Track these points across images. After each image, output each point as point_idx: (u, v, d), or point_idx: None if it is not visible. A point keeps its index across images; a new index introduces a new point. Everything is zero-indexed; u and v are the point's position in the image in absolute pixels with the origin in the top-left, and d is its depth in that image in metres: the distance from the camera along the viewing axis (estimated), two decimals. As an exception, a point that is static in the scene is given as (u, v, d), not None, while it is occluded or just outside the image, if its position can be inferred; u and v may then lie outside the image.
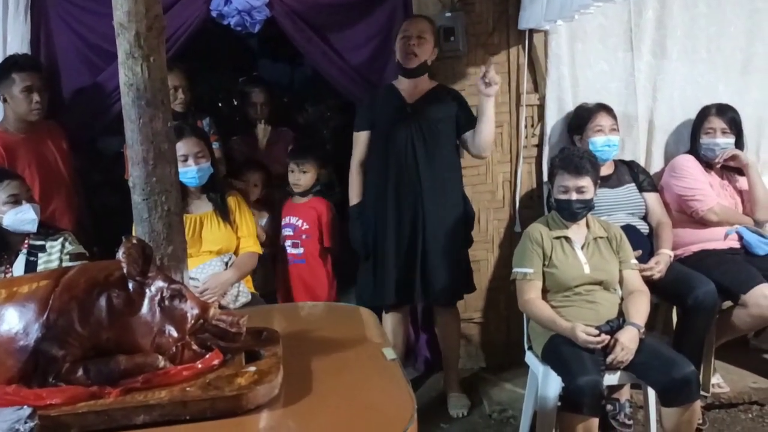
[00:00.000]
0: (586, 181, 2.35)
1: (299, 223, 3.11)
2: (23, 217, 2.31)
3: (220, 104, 5.18)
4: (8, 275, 2.30)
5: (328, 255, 3.15)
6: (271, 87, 3.78)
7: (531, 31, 3.00)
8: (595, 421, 2.12)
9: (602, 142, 2.83)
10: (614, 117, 2.91)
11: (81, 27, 2.95)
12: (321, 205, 3.13)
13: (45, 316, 1.06)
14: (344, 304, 2.06)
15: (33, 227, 2.34)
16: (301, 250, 3.10)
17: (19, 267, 2.33)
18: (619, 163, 2.98)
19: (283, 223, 3.14)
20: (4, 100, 2.71)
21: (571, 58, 3.03)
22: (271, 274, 3.23)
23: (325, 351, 1.37)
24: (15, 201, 2.30)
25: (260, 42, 6.38)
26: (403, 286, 2.76)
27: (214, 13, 2.91)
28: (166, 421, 1.04)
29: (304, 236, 3.10)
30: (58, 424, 0.99)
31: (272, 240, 3.17)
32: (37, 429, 0.92)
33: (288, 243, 3.12)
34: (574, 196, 2.36)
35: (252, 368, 1.17)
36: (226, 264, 2.66)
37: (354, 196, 2.86)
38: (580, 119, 2.92)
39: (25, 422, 0.91)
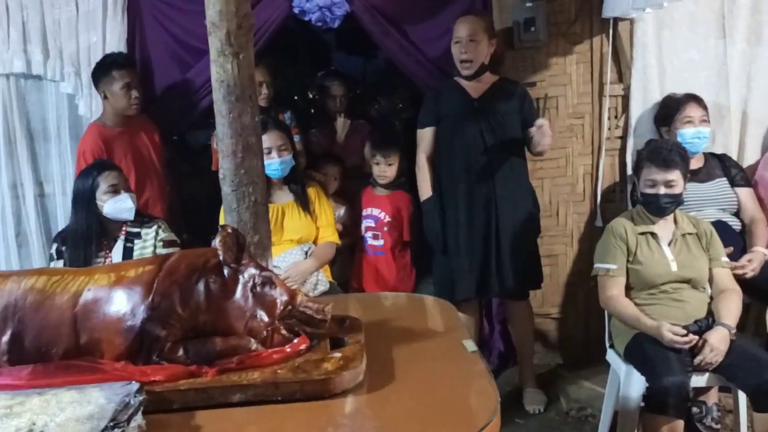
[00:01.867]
0: (675, 175, 2.26)
1: (381, 215, 3.13)
2: (121, 206, 2.46)
3: (296, 97, 5.29)
4: (108, 260, 2.46)
5: (407, 247, 3.17)
6: (349, 80, 3.84)
7: (615, 20, 2.90)
8: (680, 424, 2.05)
9: (692, 134, 2.71)
10: (705, 108, 2.78)
11: (172, 25, 3.09)
12: (404, 199, 3.15)
13: (150, 298, 1.14)
14: (423, 295, 2.08)
15: (130, 215, 2.49)
16: (381, 242, 3.13)
17: (117, 252, 2.48)
18: (710, 157, 2.84)
19: (364, 213, 3.17)
20: (105, 97, 2.89)
21: (658, 46, 2.92)
22: (348, 264, 3.29)
23: (405, 340, 1.40)
24: (114, 191, 2.45)
25: (337, 36, 6.47)
26: (479, 280, 2.75)
27: (296, 10, 2.99)
28: (259, 400, 1.09)
29: (385, 228, 3.12)
30: (162, 399, 1.06)
31: (349, 230, 3.23)
32: (144, 403, 0.99)
33: (369, 234, 3.15)
34: (662, 191, 2.27)
35: (337, 354, 1.21)
36: (306, 253, 2.74)
37: (425, 191, 2.87)
38: (668, 110, 2.81)
39: (135, 396, 0.98)
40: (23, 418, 0.91)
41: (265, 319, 1.21)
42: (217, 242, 1.21)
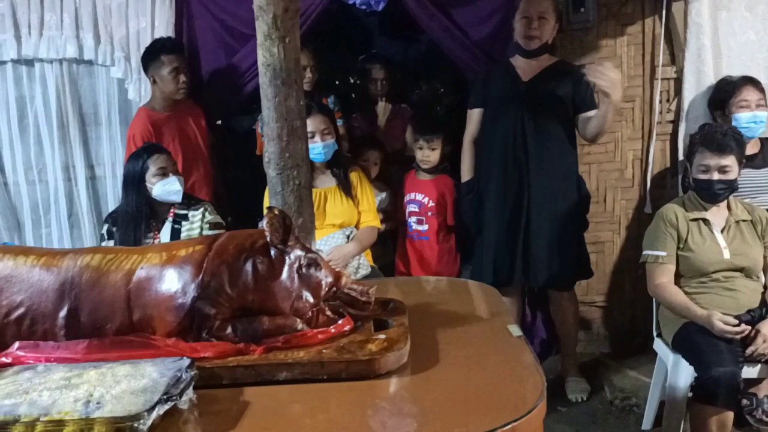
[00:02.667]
0: (729, 160, 2.19)
1: (425, 200, 3.12)
2: (170, 188, 2.51)
3: (337, 82, 5.28)
4: (156, 241, 2.53)
5: (452, 232, 3.16)
6: (390, 63, 3.81)
7: (669, 0, 2.81)
8: (729, 415, 2.01)
9: (748, 118, 2.61)
10: (762, 91, 2.68)
11: (219, 10, 3.12)
12: (447, 183, 3.12)
13: (200, 277, 1.16)
14: (465, 279, 2.07)
15: (178, 198, 2.54)
16: (426, 227, 3.11)
17: (165, 233, 2.54)
18: (766, 142, 2.73)
19: (407, 198, 3.16)
20: (153, 81, 2.94)
21: (714, 27, 2.81)
22: (389, 248, 3.30)
23: (449, 324, 1.39)
24: (163, 173, 2.51)
25: (378, 20, 6.42)
26: (502, 267, 2.72)
27: (341, -7, 2.98)
28: (305, 379, 1.10)
29: (429, 213, 3.11)
30: (212, 374, 1.09)
31: (391, 215, 3.23)
32: (196, 378, 1.01)
33: (413, 219, 3.14)
34: (716, 176, 2.20)
35: (382, 336, 1.21)
36: (348, 237, 2.75)
37: (465, 173, 2.87)
38: (723, 93, 2.72)
39: (186, 371, 1.00)
40: (81, 390, 0.95)
41: (311, 299, 1.22)
42: (264, 223, 1.22)
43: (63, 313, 1.17)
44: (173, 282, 1.17)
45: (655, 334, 2.45)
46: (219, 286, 1.16)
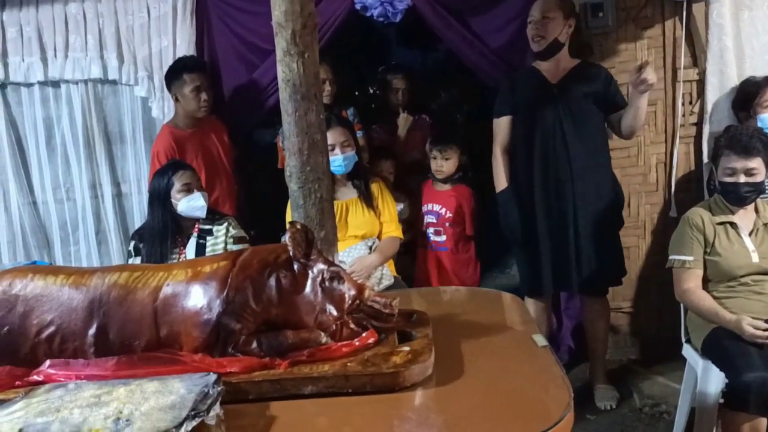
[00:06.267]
0: (756, 163, 2.15)
1: (442, 211, 3.12)
2: (194, 204, 2.54)
3: (356, 93, 5.30)
4: (182, 256, 2.55)
5: (471, 241, 3.14)
6: (411, 73, 3.83)
7: (689, 2, 2.79)
8: (763, 421, 1.97)
9: (773, 118, 2.57)
10: (788, 90, 2.63)
11: (238, 27, 3.16)
12: (465, 193, 3.12)
13: (225, 293, 1.18)
14: (488, 289, 2.06)
15: (203, 213, 2.57)
16: (443, 238, 3.11)
17: (190, 249, 2.56)
18: (793, 142, 2.68)
19: (424, 209, 3.16)
20: (176, 99, 2.99)
21: (736, 28, 2.78)
22: (410, 259, 3.29)
23: (472, 335, 1.38)
24: (188, 189, 2.53)
25: (397, 30, 6.44)
26: (559, 273, 2.69)
27: (358, 6, 3.00)
28: (330, 392, 1.11)
29: (447, 224, 3.11)
30: (238, 390, 1.10)
31: (411, 225, 3.22)
32: (222, 393, 1.02)
33: (430, 230, 3.14)
34: (742, 179, 2.17)
35: (406, 348, 1.21)
36: (370, 248, 2.76)
37: (501, 182, 2.78)
38: (747, 94, 2.68)
39: (213, 386, 1.01)
40: (111, 407, 0.96)
41: (334, 313, 1.23)
42: (287, 238, 1.24)
43: (92, 330, 1.20)
44: (199, 298, 1.18)
45: (683, 339, 2.41)
46: (244, 301, 1.18)
